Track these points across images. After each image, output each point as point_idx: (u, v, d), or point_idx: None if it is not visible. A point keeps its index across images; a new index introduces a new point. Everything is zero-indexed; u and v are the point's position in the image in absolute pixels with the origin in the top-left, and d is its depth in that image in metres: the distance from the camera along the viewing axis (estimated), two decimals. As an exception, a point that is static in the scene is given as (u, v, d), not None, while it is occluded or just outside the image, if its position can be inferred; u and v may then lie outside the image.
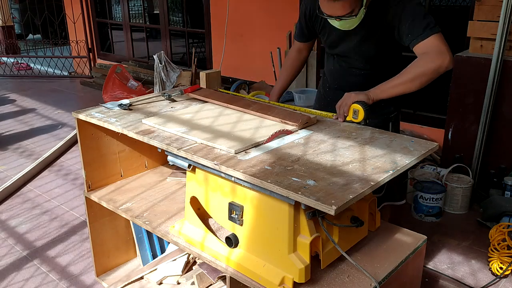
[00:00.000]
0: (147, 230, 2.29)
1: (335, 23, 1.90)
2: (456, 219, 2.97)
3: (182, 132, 1.66)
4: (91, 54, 6.96)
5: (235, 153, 1.49)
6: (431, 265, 2.49)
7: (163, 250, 2.39)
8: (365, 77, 2.09)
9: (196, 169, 1.58)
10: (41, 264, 2.51)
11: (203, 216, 1.64)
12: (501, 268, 2.36)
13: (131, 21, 6.81)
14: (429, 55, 1.76)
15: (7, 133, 4.64)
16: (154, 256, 2.35)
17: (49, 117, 5.12)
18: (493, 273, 2.39)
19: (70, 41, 7.17)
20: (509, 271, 2.35)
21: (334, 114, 1.89)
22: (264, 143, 1.58)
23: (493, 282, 2.34)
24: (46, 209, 3.11)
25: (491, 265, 2.39)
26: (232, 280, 1.52)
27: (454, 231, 2.83)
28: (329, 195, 1.22)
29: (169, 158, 1.63)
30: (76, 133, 2.00)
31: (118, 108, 1.99)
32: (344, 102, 1.82)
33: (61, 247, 2.67)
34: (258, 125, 1.73)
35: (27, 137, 4.50)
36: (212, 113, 1.89)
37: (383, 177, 1.34)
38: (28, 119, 5.07)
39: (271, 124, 1.74)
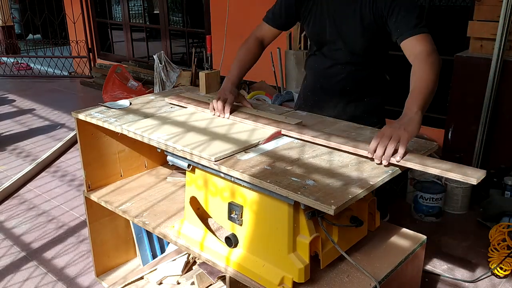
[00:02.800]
0: (147, 230, 2.29)
1: None
2: (456, 219, 2.97)
3: (168, 139, 1.65)
4: (91, 54, 6.96)
5: (215, 161, 1.45)
6: (431, 265, 2.49)
7: (163, 250, 2.39)
8: (348, 75, 1.96)
9: (196, 169, 1.58)
10: (40, 265, 2.51)
11: (203, 216, 1.64)
12: (501, 268, 2.35)
13: (131, 21, 6.81)
14: (427, 57, 1.63)
15: (6, 134, 4.64)
16: (154, 256, 2.34)
17: (48, 118, 5.12)
18: (493, 273, 2.38)
19: (70, 41, 7.17)
20: (509, 271, 2.34)
21: (368, 152, 1.43)
22: (263, 144, 1.58)
23: (487, 275, 2.35)
24: (44, 210, 3.10)
25: (491, 265, 2.39)
26: (232, 280, 1.52)
27: (454, 231, 2.83)
28: (329, 195, 1.22)
29: (169, 158, 1.63)
30: (74, 134, 2.00)
31: (117, 108, 1.99)
32: (395, 138, 1.38)
33: (59, 248, 2.66)
34: (254, 127, 1.72)
35: (26, 137, 4.49)
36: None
37: (382, 177, 1.33)
38: (27, 120, 5.07)
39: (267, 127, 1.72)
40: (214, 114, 1.85)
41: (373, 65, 1.98)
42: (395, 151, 1.38)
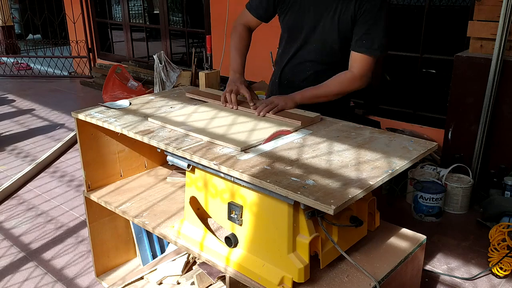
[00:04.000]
0: (147, 230, 2.29)
1: None
2: (456, 219, 2.97)
3: (184, 130, 1.66)
4: (91, 54, 6.96)
5: (241, 151, 1.51)
6: (430, 265, 2.49)
7: (163, 250, 2.39)
8: (316, 74, 1.99)
9: (196, 169, 1.58)
10: (39, 265, 2.50)
11: (203, 216, 1.64)
12: (501, 268, 2.35)
13: (131, 21, 6.81)
14: (352, 76, 1.87)
15: (6, 134, 4.63)
16: (154, 256, 2.34)
17: (48, 118, 5.11)
18: (493, 273, 2.38)
19: (70, 41, 7.17)
20: (509, 271, 2.34)
21: (253, 105, 1.88)
22: (263, 143, 1.58)
23: (487, 276, 2.34)
24: (43, 210, 3.09)
25: (491, 265, 2.39)
26: (232, 280, 1.52)
27: (454, 231, 2.83)
28: (328, 195, 1.22)
29: (169, 158, 1.63)
30: (73, 135, 2.00)
31: (117, 108, 1.99)
32: (273, 104, 1.84)
33: (59, 248, 2.65)
34: (253, 127, 1.72)
35: (26, 137, 4.48)
36: (207, 115, 1.87)
37: (382, 177, 1.33)
38: (27, 120, 5.07)
39: (266, 127, 1.73)
40: (225, 106, 1.94)
41: (341, 67, 1.94)
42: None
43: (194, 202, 1.64)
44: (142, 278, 2.25)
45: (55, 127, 4.78)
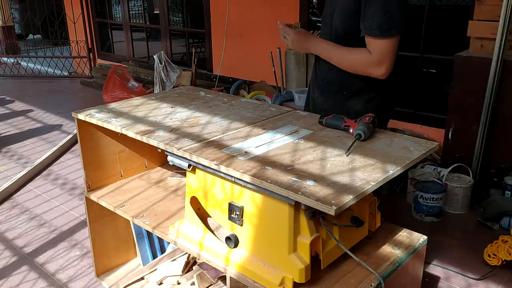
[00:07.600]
0: (147, 230, 2.29)
1: None
2: (456, 219, 2.97)
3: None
4: (91, 54, 6.96)
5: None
6: (431, 265, 2.48)
7: (163, 250, 2.39)
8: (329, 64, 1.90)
9: (196, 169, 1.58)
10: (32, 269, 2.49)
11: (203, 216, 1.64)
12: (495, 255, 2.35)
13: (131, 21, 6.81)
14: (371, 58, 1.75)
15: (5, 134, 4.62)
16: (154, 256, 2.34)
17: (48, 118, 5.11)
18: (490, 266, 2.38)
19: (70, 41, 7.17)
20: (502, 261, 2.34)
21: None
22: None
23: (487, 276, 2.35)
24: (36, 213, 3.07)
25: (485, 254, 2.39)
26: (232, 280, 1.52)
27: (454, 231, 2.83)
28: (329, 195, 1.22)
29: (169, 158, 1.63)
30: (71, 137, 2.00)
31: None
32: (285, 38, 1.91)
33: (52, 252, 2.63)
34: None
35: (25, 138, 4.47)
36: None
37: (383, 177, 1.33)
38: (26, 120, 5.06)
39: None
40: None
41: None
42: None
43: (194, 202, 1.64)
44: (142, 278, 2.25)
45: (55, 127, 4.77)
